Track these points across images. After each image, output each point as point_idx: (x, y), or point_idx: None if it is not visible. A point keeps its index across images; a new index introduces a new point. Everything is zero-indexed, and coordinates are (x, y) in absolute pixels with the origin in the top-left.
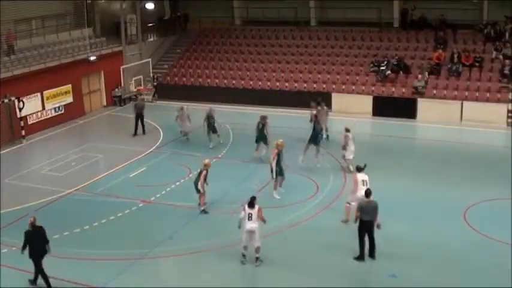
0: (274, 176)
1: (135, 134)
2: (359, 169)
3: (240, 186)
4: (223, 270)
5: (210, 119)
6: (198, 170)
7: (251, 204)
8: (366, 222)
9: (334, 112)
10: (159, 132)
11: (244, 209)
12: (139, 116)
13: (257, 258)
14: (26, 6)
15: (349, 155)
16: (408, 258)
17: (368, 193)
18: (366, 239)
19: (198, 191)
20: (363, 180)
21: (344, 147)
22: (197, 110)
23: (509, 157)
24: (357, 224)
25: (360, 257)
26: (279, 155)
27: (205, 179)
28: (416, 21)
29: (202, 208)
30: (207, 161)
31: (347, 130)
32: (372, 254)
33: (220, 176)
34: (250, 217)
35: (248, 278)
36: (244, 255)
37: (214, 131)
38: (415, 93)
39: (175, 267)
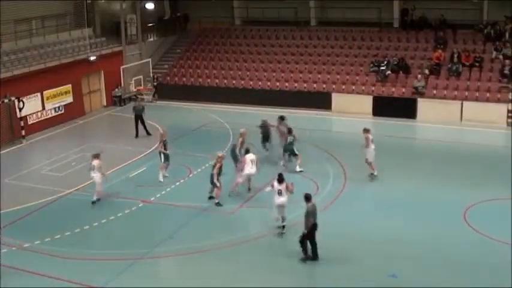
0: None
1: (137, 136)
2: (247, 151)
3: (239, 186)
4: (223, 270)
5: (165, 144)
6: (212, 163)
7: (281, 180)
8: (315, 225)
9: (334, 112)
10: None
11: (273, 186)
12: (139, 118)
13: (283, 227)
14: (26, 6)
15: (371, 158)
16: (408, 258)
17: (308, 197)
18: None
19: (213, 184)
20: (251, 160)
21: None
22: (197, 110)
23: (509, 157)
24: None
25: (307, 258)
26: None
27: (219, 172)
28: (416, 21)
29: (216, 201)
30: (220, 153)
31: (366, 131)
32: (316, 256)
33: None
34: (280, 192)
35: (248, 277)
36: (280, 227)
37: (166, 158)
38: (415, 93)
39: (175, 267)
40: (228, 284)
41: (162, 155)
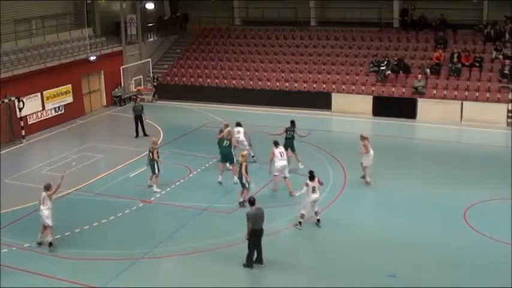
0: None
1: (137, 135)
2: (276, 144)
3: (239, 186)
4: (223, 271)
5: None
6: (238, 165)
7: (312, 178)
8: (257, 231)
9: (334, 112)
10: (159, 133)
11: (307, 184)
12: (138, 118)
13: (318, 220)
14: (26, 6)
15: (366, 162)
16: (408, 258)
17: (252, 201)
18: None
19: (242, 185)
20: (280, 153)
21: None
22: (197, 110)
23: (509, 157)
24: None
25: (249, 264)
26: None
27: (246, 171)
28: (416, 21)
29: (241, 200)
30: (245, 152)
31: (364, 138)
32: (260, 260)
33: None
34: (314, 190)
35: (247, 278)
36: (300, 223)
37: (153, 169)
38: (415, 93)
39: (175, 267)
40: (228, 284)
41: (156, 165)
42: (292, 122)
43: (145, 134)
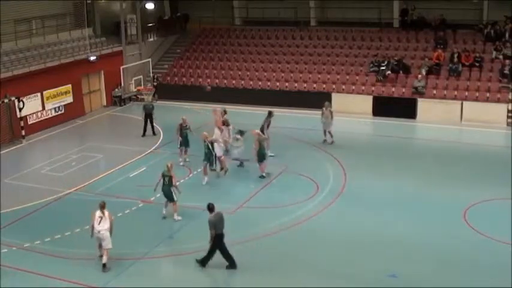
0: None
1: (144, 134)
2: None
3: (238, 186)
4: (223, 271)
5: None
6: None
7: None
8: (220, 236)
9: (334, 112)
10: (159, 133)
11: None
12: (148, 117)
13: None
14: (26, 6)
15: (330, 127)
16: (408, 258)
17: (211, 207)
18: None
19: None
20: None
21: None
22: (197, 110)
23: (509, 157)
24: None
25: (204, 263)
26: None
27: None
28: (416, 21)
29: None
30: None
31: (329, 105)
32: (234, 265)
33: (219, 176)
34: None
35: (248, 278)
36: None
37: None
38: (415, 93)
39: (175, 267)
40: (228, 284)
41: (176, 190)
42: (269, 113)
43: (154, 133)
